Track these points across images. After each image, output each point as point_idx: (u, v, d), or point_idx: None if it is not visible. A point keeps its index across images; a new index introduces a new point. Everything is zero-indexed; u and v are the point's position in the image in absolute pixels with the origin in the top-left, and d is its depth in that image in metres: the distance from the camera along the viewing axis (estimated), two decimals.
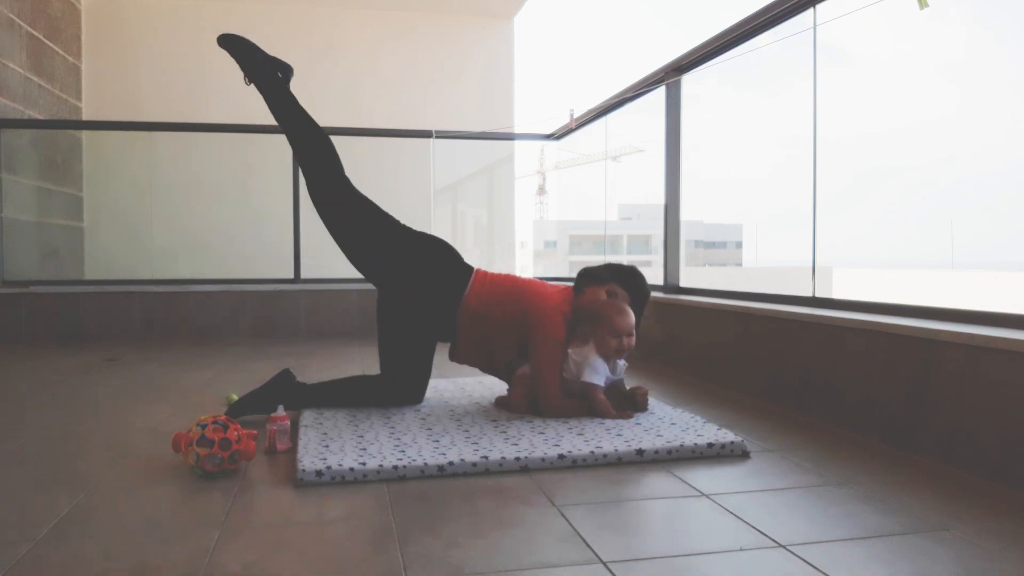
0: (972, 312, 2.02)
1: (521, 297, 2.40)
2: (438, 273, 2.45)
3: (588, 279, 2.48)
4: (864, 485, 1.72)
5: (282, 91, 2.63)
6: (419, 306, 2.43)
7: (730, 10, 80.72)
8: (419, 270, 2.44)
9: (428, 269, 2.45)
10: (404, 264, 2.45)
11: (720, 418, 2.38)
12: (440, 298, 2.42)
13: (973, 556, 1.33)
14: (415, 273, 2.44)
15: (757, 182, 22.00)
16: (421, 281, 2.43)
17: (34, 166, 5.12)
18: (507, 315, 2.38)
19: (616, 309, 2.35)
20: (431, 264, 2.45)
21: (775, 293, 2.89)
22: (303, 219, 4.89)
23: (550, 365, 2.30)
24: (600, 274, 2.48)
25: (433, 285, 2.43)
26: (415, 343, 2.45)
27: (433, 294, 2.42)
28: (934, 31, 47.67)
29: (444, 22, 6.69)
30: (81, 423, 2.36)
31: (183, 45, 6.20)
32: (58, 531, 1.43)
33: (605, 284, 2.45)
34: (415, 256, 2.46)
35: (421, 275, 2.44)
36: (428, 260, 2.46)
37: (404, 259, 2.46)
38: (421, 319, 2.44)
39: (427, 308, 2.43)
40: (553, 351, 2.31)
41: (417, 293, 2.43)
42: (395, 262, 2.46)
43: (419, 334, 2.45)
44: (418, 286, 2.43)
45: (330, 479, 1.73)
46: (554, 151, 5.82)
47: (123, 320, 4.54)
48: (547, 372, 2.30)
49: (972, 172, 54.40)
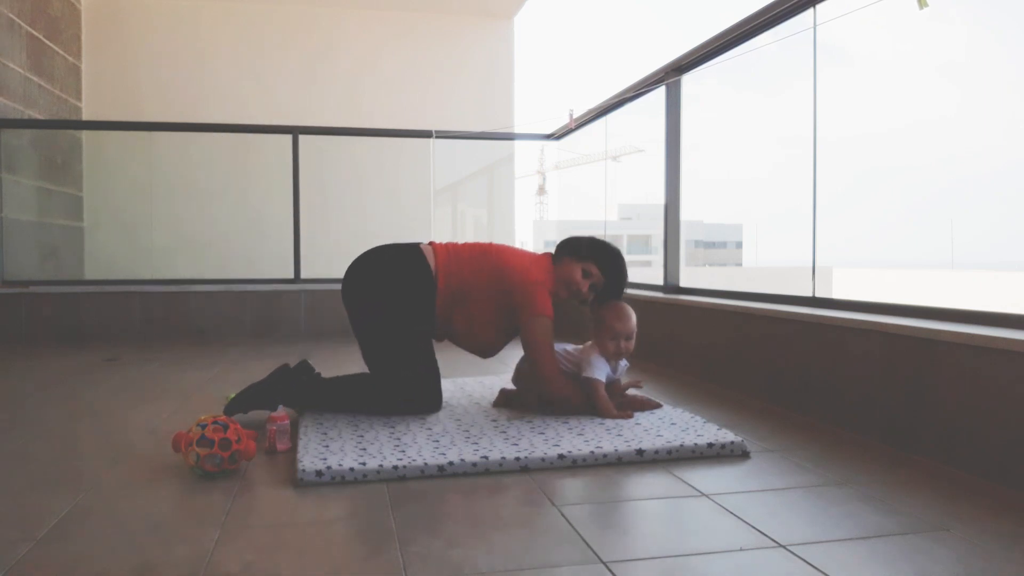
0: (972, 312, 2.02)
1: (499, 272, 2.36)
2: (394, 269, 2.40)
3: (568, 250, 2.44)
4: (864, 485, 1.72)
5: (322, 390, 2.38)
6: (399, 317, 2.37)
7: (730, 10, 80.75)
8: (381, 296, 2.38)
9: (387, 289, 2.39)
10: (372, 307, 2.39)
11: (720, 418, 2.38)
12: (414, 299, 2.37)
13: (973, 556, 1.33)
14: (380, 301, 2.38)
15: (757, 182, 22.01)
16: (389, 301, 2.38)
17: (34, 166, 5.12)
18: (484, 290, 2.36)
19: (616, 314, 2.35)
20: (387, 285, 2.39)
21: (775, 293, 2.89)
22: (303, 219, 4.89)
23: (544, 343, 2.29)
24: (581, 249, 2.42)
25: (398, 279, 2.38)
26: (408, 341, 2.38)
27: (405, 301, 2.37)
28: (934, 31, 47.35)
29: (444, 22, 6.69)
30: (81, 423, 2.36)
31: (183, 45, 6.20)
32: (58, 531, 1.43)
33: (584, 261, 2.40)
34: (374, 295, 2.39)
35: (386, 299, 2.38)
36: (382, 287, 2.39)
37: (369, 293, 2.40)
38: (402, 313, 2.37)
39: (406, 314, 2.37)
40: (545, 330, 2.30)
41: (392, 310, 2.37)
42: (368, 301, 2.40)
43: (408, 333, 2.38)
44: (389, 305, 2.37)
45: (330, 479, 1.73)
46: (554, 151, 5.83)
47: (123, 320, 4.54)
48: (543, 351, 2.29)
49: (972, 172, 54.45)
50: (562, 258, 2.44)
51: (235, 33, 6.29)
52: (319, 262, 4.97)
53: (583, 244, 2.44)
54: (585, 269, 2.40)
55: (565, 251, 2.45)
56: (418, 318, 2.38)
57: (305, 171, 4.91)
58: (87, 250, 5.60)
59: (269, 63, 6.31)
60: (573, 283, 2.39)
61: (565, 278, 2.39)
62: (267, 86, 6.28)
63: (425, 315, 2.39)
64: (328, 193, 5.97)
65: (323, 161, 5.73)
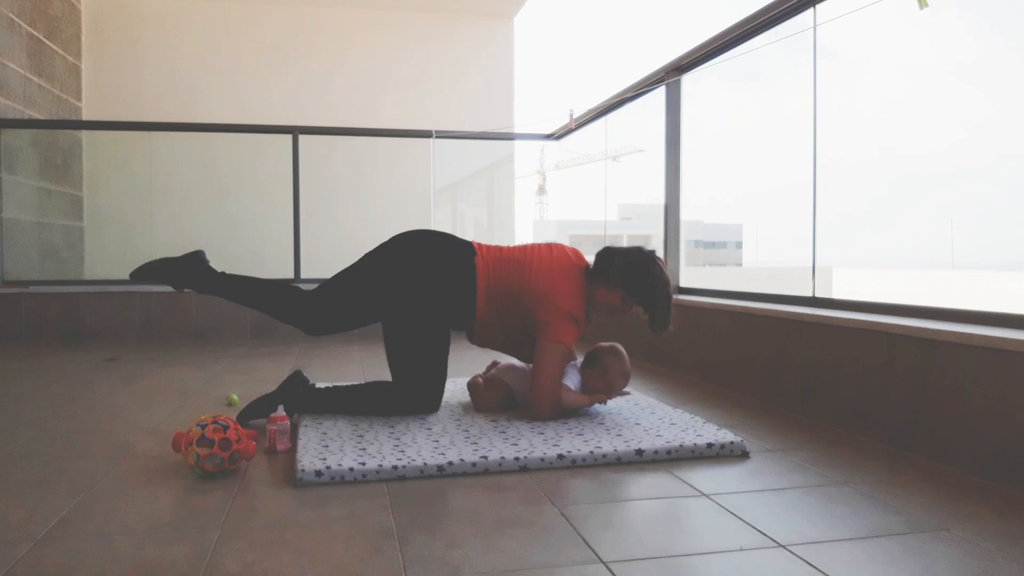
0: (972, 312, 2.02)
1: (530, 289, 2.24)
2: (443, 272, 2.31)
3: (600, 276, 2.29)
4: (864, 485, 1.72)
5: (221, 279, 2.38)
6: (436, 310, 2.30)
7: (730, 10, 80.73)
8: (424, 279, 2.29)
9: (431, 273, 2.30)
10: (407, 285, 2.29)
11: (720, 418, 2.38)
12: (454, 295, 2.29)
13: (973, 556, 1.33)
14: (421, 285, 2.29)
15: (757, 182, 21.99)
16: (431, 288, 2.29)
17: (34, 166, 5.12)
18: (517, 303, 2.27)
19: (618, 371, 2.34)
20: (431, 267, 2.31)
21: (775, 293, 2.89)
22: (303, 219, 4.89)
23: (552, 370, 2.23)
24: (610, 276, 2.27)
25: (443, 286, 2.29)
26: (434, 346, 2.32)
27: (446, 293, 2.29)
28: (935, 30, 47.37)
29: (444, 22, 6.69)
30: (81, 423, 2.36)
31: (183, 45, 6.20)
32: (58, 531, 1.43)
33: (616, 289, 2.27)
34: (411, 270, 2.30)
35: (428, 283, 2.29)
36: (426, 266, 2.31)
37: (404, 281, 2.29)
38: (439, 320, 2.31)
39: (443, 309, 2.31)
40: (559, 357, 2.23)
41: (431, 300, 2.29)
42: (399, 290, 2.29)
43: (437, 336, 2.31)
44: (430, 293, 2.29)
45: (329, 479, 1.73)
46: (554, 151, 5.82)
47: (123, 320, 4.54)
48: (547, 375, 2.23)
49: (972, 172, 54.44)
50: (594, 283, 2.30)
51: (235, 33, 6.29)
52: (319, 262, 4.97)
53: (613, 270, 2.27)
54: (624, 297, 2.28)
55: (597, 277, 2.30)
56: (455, 324, 2.37)
57: (305, 171, 4.91)
58: (87, 250, 5.60)
59: (269, 63, 6.31)
60: (615, 309, 2.32)
61: (605, 304, 2.31)
62: (267, 86, 6.28)
63: (463, 323, 2.37)
64: (328, 193, 5.97)
65: (323, 161, 5.73)
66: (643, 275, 2.26)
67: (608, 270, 2.28)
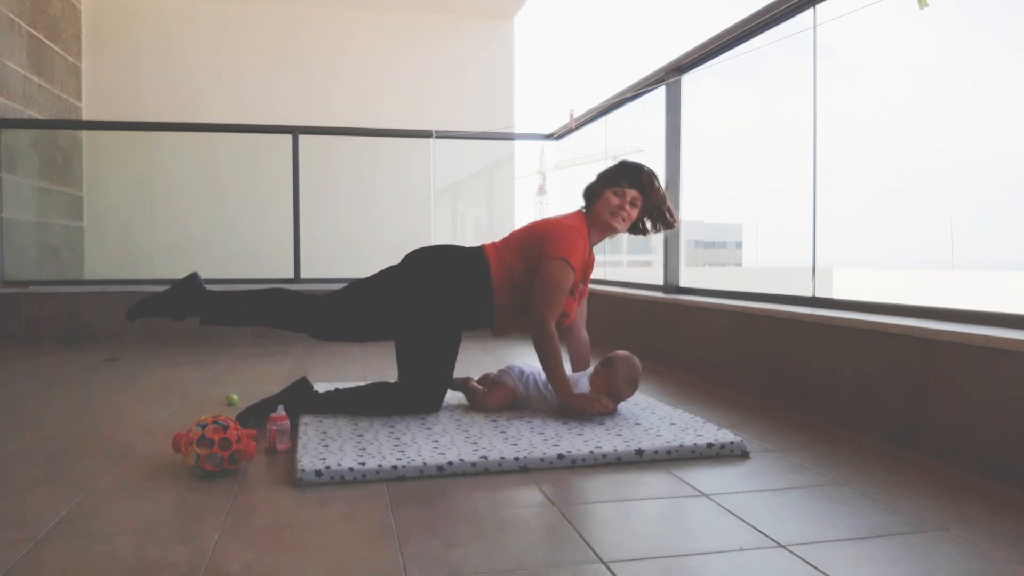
0: (972, 312, 2.02)
1: (534, 231, 2.37)
2: (456, 269, 2.36)
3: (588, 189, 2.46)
4: (864, 485, 1.72)
5: (223, 302, 2.38)
6: (454, 311, 2.35)
7: (730, 10, 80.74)
8: (440, 282, 2.34)
9: (446, 273, 2.35)
10: (425, 295, 2.33)
11: (720, 418, 2.38)
12: (470, 286, 2.35)
13: (973, 556, 1.33)
14: (438, 288, 2.33)
15: (757, 182, 21.87)
16: (448, 288, 2.34)
17: (34, 166, 5.12)
18: (528, 259, 2.34)
19: (624, 375, 2.33)
20: (445, 269, 2.36)
21: (775, 293, 2.89)
22: (303, 219, 4.89)
23: (554, 287, 2.25)
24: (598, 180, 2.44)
25: (458, 281, 2.35)
26: (447, 349, 2.35)
27: (462, 288, 2.35)
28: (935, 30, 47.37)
29: (444, 22, 6.69)
30: (81, 423, 2.36)
31: (183, 45, 6.20)
32: (58, 531, 1.43)
33: (610, 186, 2.39)
34: (427, 280, 2.34)
35: (444, 284, 2.33)
36: (441, 269, 2.36)
37: (421, 292, 2.33)
38: (457, 323, 2.36)
39: (462, 308, 2.36)
40: (561, 273, 2.25)
41: (449, 301, 2.34)
42: (417, 302, 2.33)
43: (451, 339, 2.35)
44: (447, 294, 2.34)
45: (329, 479, 1.73)
46: (554, 151, 5.82)
47: (123, 320, 4.53)
48: (549, 295, 2.25)
49: (972, 172, 54.45)
50: (590, 199, 2.45)
51: (235, 33, 6.29)
52: (319, 262, 4.97)
53: (600, 174, 2.45)
54: (615, 190, 2.39)
55: (599, 183, 2.44)
56: (475, 323, 2.41)
57: (305, 171, 4.91)
58: (87, 250, 5.60)
59: (269, 63, 6.31)
60: (611, 207, 2.37)
61: (602, 209, 2.39)
62: (267, 86, 6.28)
63: (483, 317, 2.40)
64: (328, 193, 5.97)
65: (323, 161, 5.73)
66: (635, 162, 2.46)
67: (607, 171, 2.44)
